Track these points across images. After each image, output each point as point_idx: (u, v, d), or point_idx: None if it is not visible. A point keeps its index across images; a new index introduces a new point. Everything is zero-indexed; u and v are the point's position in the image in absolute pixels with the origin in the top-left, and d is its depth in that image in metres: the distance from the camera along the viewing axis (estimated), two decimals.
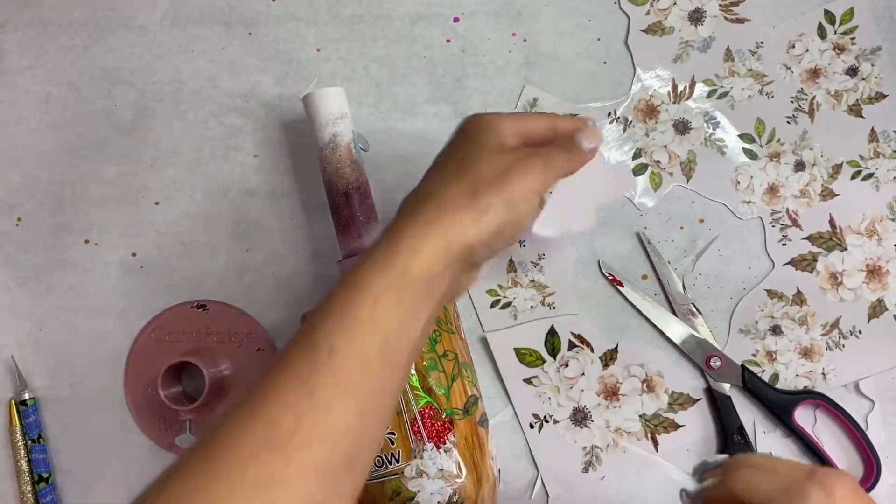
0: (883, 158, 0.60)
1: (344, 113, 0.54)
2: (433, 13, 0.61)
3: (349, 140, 0.54)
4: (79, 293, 0.61)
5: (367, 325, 0.34)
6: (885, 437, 0.59)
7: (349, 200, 0.53)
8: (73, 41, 0.62)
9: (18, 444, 0.59)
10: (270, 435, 0.32)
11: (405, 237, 0.36)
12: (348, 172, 0.53)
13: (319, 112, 0.53)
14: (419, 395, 0.46)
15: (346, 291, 0.35)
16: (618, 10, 0.61)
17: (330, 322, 0.35)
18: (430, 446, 0.47)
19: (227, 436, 0.33)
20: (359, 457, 0.34)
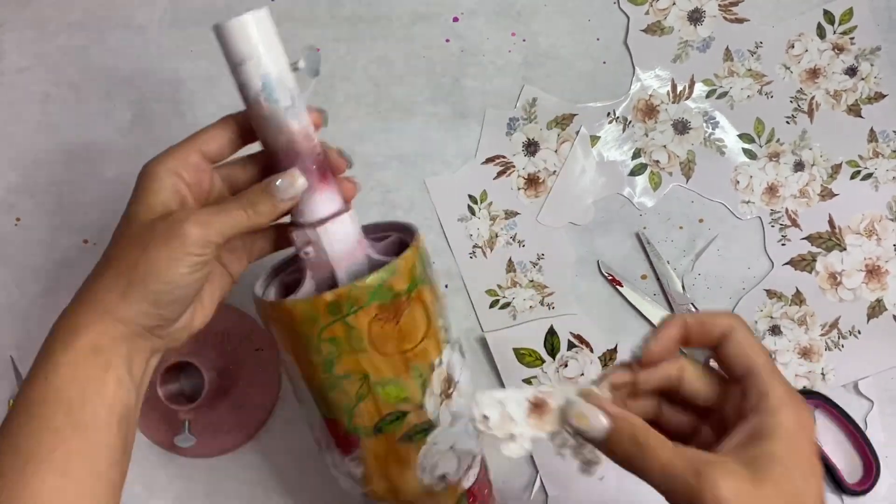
0: (882, 158, 0.60)
1: (246, 57, 0.40)
2: (433, 13, 0.61)
3: (257, 91, 0.41)
4: None
5: (43, 401, 0.37)
6: (884, 437, 0.59)
7: (274, 164, 0.43)
8: (73, 41, 0.62)
9: None
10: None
11: (66, 318, 0.39)
12: (262, 134, 0.42)
13: (226, 54, 0.41)
14: (322, 408, 0.45)
15: (25, 382, 0.38)
16: (617, 10, 0.61)
17: (14, 413, 0.38)
18: (337, 451, 0.46)
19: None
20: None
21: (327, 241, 0.43)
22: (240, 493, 0.60)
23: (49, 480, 0.36)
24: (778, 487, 0.32)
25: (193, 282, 0.40)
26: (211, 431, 0.60)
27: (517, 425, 0.37)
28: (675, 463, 0.33)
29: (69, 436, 0.37)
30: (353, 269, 0.44)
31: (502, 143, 0.61)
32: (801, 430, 0.34)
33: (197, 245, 0.39)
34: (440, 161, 0.61)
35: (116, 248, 0.40)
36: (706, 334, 0.38)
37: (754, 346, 0.37)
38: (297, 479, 0.60)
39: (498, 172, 0.61)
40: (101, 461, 0.38)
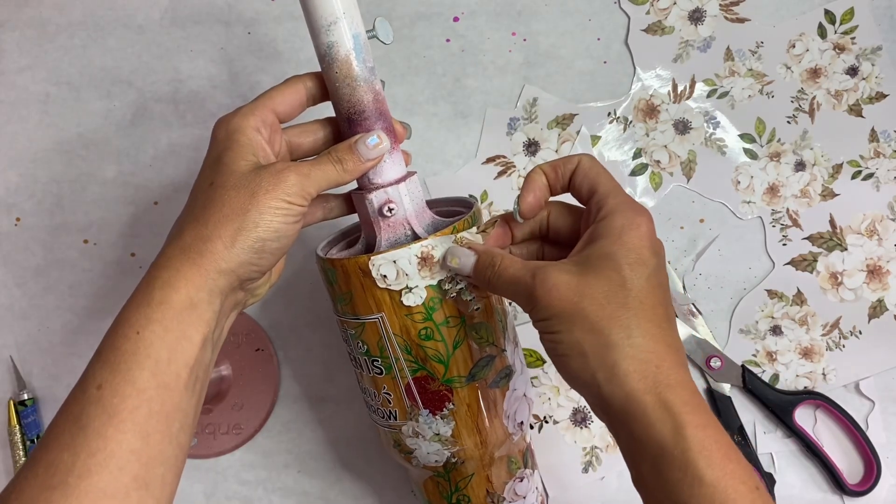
0: (883, 158, 0.60)
1: (337, 17, 0.42)
2: (433, 13, 0.61)
3: (348, 51, 0.43)
4: (78, 293, 0.61)
5: (131, 356, 0.37)
6: (885, 438, 0.59)
7: (352, 128, 0.44)
8: (73, 41, 0.62)
9: (17, 444, 0.59)
10: (50, 474, 0.34)
11: (162, 269, 0.39)
12: (347, 93, 0.44)
13: (311, 17, 0.43)
14: (413, 364, 0.45)
15: (112, 329, 0.38)
16: (618, 9, 0.60)
17: (98, 360, 0.37)
18: (426, 412, 0.46)
19: (14, 486, 0.35)
20: (152, 475, 0.36)
21: (408, 198, 0.45)
22: (240, 493, 0.60)
23: (128, 441, 0.35)
24: (602, 276, 0.37)
25: (293, 232, 0.41)
26: (211, 432, 0.60)
27: (411, 278, 0.43)
28: (520, 273, 0.39)
29: (153, 396, 0.36)
30: (426, 227, 0.46)
31: (503, 142, 0.61)
32: (632, 229, 0.38)
33: (298, 195, 0.40)
34: (441, 161, 0.61)
35: (217, 196, 0.39)
36: (562, 175, 0.42)
37: (597, 170, 0.41)
38: (297, 480, 0.60)
39: (498, 172, 0.61)
40: (175, 423, 0.38)
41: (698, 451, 0.35)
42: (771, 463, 0.59)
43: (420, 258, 0.43)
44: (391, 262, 0.43)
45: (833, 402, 0.58)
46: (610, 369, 0.37)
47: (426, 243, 0.43)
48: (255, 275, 0.41)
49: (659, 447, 0.35)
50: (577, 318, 0.37)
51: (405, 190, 0.45)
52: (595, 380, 0.37)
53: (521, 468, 0.50)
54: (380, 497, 0.60)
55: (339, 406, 0.60)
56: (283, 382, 0.61)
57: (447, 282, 0.44)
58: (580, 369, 0.37)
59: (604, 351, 0.37)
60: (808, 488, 0.59)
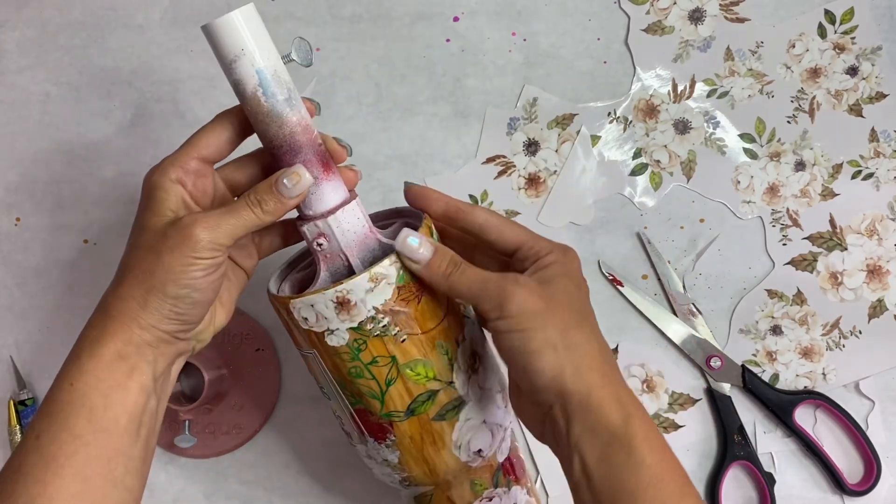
0: (883, 158, 0.60)
1: (238, 52, 0.40)
2: (433, 13, 0.61)
3: (255, 86, 0.41)
4: (78, 293, 0.61)
5: (66, 405, 0.38)
6: (885, 438, 0.59)
7: (276, 161, 0.42)
8: (73, 41, 0.61)
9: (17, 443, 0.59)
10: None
11: (90, 328, 0.40)
12: (263, 128, 0.42)
13: (216, 55, 0.41)
14: (351, 398, 0.45)
15: (51, 387, 0.39)
16: (618, 9, 0.60)
17: (37, 416, 0.39)
18: (371, 440, 0.46)
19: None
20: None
21: (339, 230, 0.43)
22: (240, 493, 0.60)
23: (67, 486, 0.37)
24: (561, 289, 0.42)
25: (209, 284, 0.40)
26: (211, 431, 0.60)
27: (330, 321, 0.42)
28: (490, 276, 0.42)
29: (90, 441, 0.38)
30: (366, 256, 0.45)
31: (503, 142, 0.61)
32: (567, 259, 0.44)
33: (207, 249, 0.39)
34: (441, 161, 0.61)
35: (132, 258, 0.41)
36: (458, 220, 0.45)
37: (507, 224, 0.45)
38: (298, 480, 0.60)
39: (498, 172, 0.61)
40: (119, 468, 0.38)
41: (642, 438, 0.39)
42: (771, 463, 0.59)
43: (336, 302, 0.42)
44: (309, 305, 0.42)
45: (833, 401, 0.58)
46: (576, 364, 0.40)
47: (342, 288, 0.41)
48: (184, 327, 0.41)
49: (610, 434, 0.39)
50: (550, 316, 0.40)
51: (335, 222, 0.43)
52: (563, 373, 0.40)
53: (488, 489, 0.50)
54: (380, 497, 0.60)
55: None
56: (283, 382, 0.61)
57: (368, 322, 0.42)
58: (551, 362, 0.40)
59: (571, 348, 0.40)
60: (808, 488, 0.59)
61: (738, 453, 0.58)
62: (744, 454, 0.58)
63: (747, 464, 0.58)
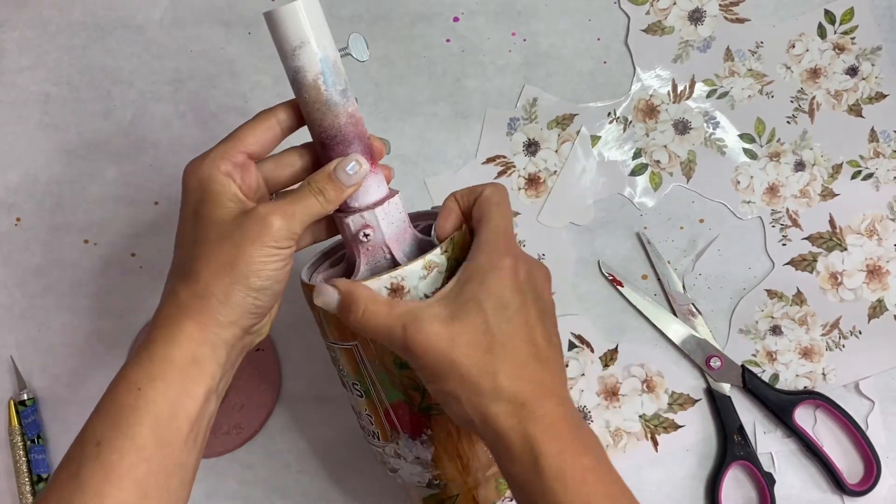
0: (883, 158, 0.60)
1: (304, 40, 0.40)
2: (433, 13, 0.61)
3: (316, 75, 0.41)
4: (78, 293, 0.61)
5: (132, 412, 0.36)
6: (885, 438, 0.59)
7: (325, 152, 0.43)
8: (73, 41, 0.62)
9: (17, 444, 0.59)
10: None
11: (162, 327, 0.39)
12: (318, 117, 0.42)
13: (278, 42, 0.41)
14: (390, 392, 0.45)
15: (113, 385, 0.38)
16: (618, 9, 0.60)
17: (97, 415, 0.37)
18: (406, 436, 0.46)
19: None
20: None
21: (384, 222, 0.43)
22: (240, 493, 0.60)
23: (125, 499, 0.35)
24: (468, 323, 0.38)
25: (285, 274, 0.41)
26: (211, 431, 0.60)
27: None
28: (388, 322, 0.39)
29: (151, 455, 0.36)
30: (406, 251, 0.45)
31: (503, 142, 0.61)
32: (494, 272, 0.39)
33: (285, 238, 0.39)
34: (441, 161, 0.61)
35: (203, 251, 0.39)
36: (468, 202, 0.43)
37: (491, 204, 0.42)
38: (298, 480, 0.60)
39: (498, 172, 0.61)
40: (175, 480, 0.37)
41: (554, 478, 0.37)
42: (771, 463, 0.59)
43: (390, 289, 0.42)
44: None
45: (833, 401, 0.58)
46: (482, 414, 0.38)
47: (396, 274, 0.42)
48: (257, 320, 0.41)
49: (523, 480, 0.38)
50: (449, 369, 0.38)
51: (382, 214, 0.43)
52: (472, 423, 0.39)
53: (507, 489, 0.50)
54: (380, 497, 0.60)
55: (340, 406, 0.60)
56: (284, 382, 0.61)
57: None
58: (458, 414, 0.39)
59: (475, 398, 0.38)
60: (808, 488, 0.59)
61: (737, 453, 0.58)
62: (744, 454, 0.58)
63: (747, 464, 0.58)
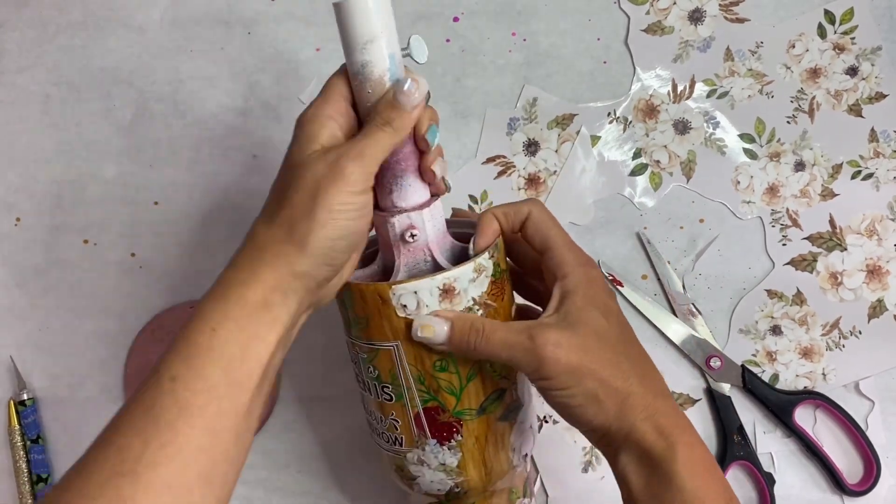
0: (883, 158, 0.60)
1: (378, 33, 0.41)
2: (433, 13, 0.61)
3: (383, 70, 0.41)
4: (78, 293, 0.61)
5: (206, 351, 0.37)
6: (885, 438, 0.59)
7: None
8: (73, 41, 0.62)
9: (17, 444, 0.59)
10: (119, 459, 0.34)
11: (238, 269, 0.39)
12: None
13: (348, 34, 0.41)
14: (425, 394, 0.45)
15: (188, 324, 0.38)
16: (618, 9, 0.60)
17: (172, 353, 0.37)
18: (433, 442, 0.46)
19: (83, 466, 0.35)
20: (216, 472, 0.36)
21: (430, 223, 0.44)
22: (240, 493, 0.60)
23: (197, 437, 0.36)
24: (589, 329, 0.41)
25: (363, 226, 0.40)
26: None
27: (430, 309, 0.43)
28: (511, 336, 0.41)
29: (223, 394, 0.37)
30: (445, 254, 0.45)
31: (503, 142, 0.61)
32: (591, 283, 0.43)
33: (361, 182, 0.39)
34: None
35: (286, 195, 0.39)
36: (513, 222, 0.45)
37: (549, 224, 0.44)
38: (298, 480, 0.60)
39: (498, 172, 0.61)
40: (242, 423, 0.38)
41: (683, 463, 0.39)
42: (771, 463, 0.59)
43: (442, 290, 0.42)
44: (412, 292, 0.42)
45: (833, 401, 0.58)
46: (619, 410, 0.41)
47: (449, 275, 0.42)
48: (330, 274, 0.40)
49: (652, 463, 0.40)
50: (586, 371, 0.40)
51: (428, 216, 0.44)
52: (607, 420, 0.41)
53: (520, 498, 0.50)
54: (380, 497, 0.60)
55: (339, 406, 0.60)
56: (284, 382, 0.61)
57: (468, 310, 0.44)
58: (596, 415, 0.41)
59: (613, 396, 0.41)
60: (808, 488, 0.59)
61: (737, 453, 0.58)
62: (743, 454, 0.58)
63: (747, 464, 0.58)
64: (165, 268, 0.61)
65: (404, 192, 0.44)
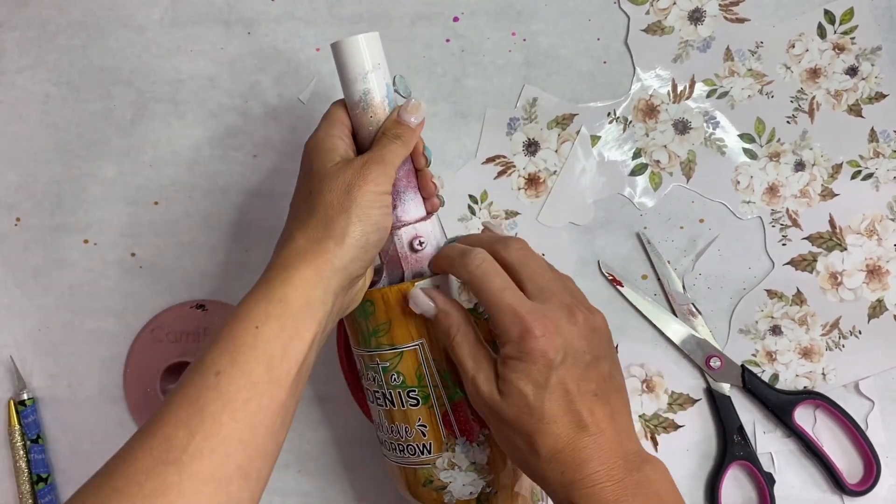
0: (883, 158, 0.60)
1: (376, 64, 0.47)
2: (433, 13, 0.61)
3: (383, 97, 0.47)
4: (78, 293, 0.61)
5: (250, 349, 0.39)
6: (884, 438, 0.59)
7: None
8: (73, 41, 0.62)
9: (17, 444, 0.59)
10: (165, 448, 0.36)
11: (281, 269, 0.41)
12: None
13: (348, 65, 0.46)
14: (452, 390, 0.46)
15: (232, 321, 0.40)
16: (617, 9, 0.60)
17: (217, 349, 0.39)
18: (463, 440, 0.46)
19: (129, 453, 0.37)
20: (253, 467, 0.38)
21: (433, 234, 0.48)
22: None
23: (239, 431, 0.37)
24: (514, 398, 0.41)
25: (388, 223, 0.44)
26: None
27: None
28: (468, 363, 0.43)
29: (264, 391, 0.38)
30: None
31: (503, 142, 0.61)
32: (524, 357, 0.41)
33: (385, 182, 0.43)
34: (441, 161, 0.61)
35: (319, 200, 0.43)
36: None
37: (484, 286, 0.43)
38: (298, 480, 0.60)
39: (498, 172, 0.61)
40: (278, 420, 0.39)
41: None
42: (770, 463, 0.59)
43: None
44: (434, 287, 0.46)
45: (833, 401, 0.58)
46: (532, 473, 0.42)
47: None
48: (362, 270, 0.44)
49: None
50: (503, 422, 0.42)
51: (430, 227, 0.48)
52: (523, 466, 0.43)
53: (540, 500, 0.51)
54: (380, 497, 0.60)
55: (339, 406, 0.60)
56: None
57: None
58: (510, 454, 0.44)
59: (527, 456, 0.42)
60: (808, 488, 0.59)
61: (737, 453, 0.58)
62: (743, 454, 0.58)
63: (747, 464, 0.58)
64: (165, 268, 0.61)
65: (406, 206, 0.48)
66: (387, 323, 0.46)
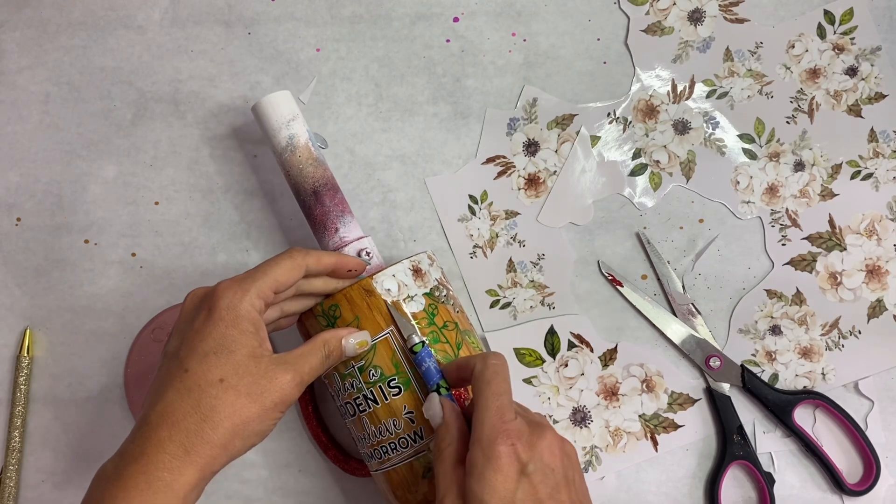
0: (882, 158, 0.60)
1: (295, 114, 0.54)
2: (433, 13, 0.61)
3: (307, 139, 0.54)
4: (78, 293, 0.61)
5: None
6: (884, 438, 0.59)
7: (319, 198, 0.53)
8: (73, 41, 0.62)
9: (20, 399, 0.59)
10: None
11: (164, 469, 0.40)
12: (311, 171, 0.53)
13: (271, 118, 0.53)
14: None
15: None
16: (617, 10, 0.61)
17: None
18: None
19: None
20: None
21: (375, 249, 0.53)
22: (240, 493, 0.60)
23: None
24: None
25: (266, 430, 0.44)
26: None
27: (409, 288, 0.50)
28: (445, 479, 0.42)
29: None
30: None
31: (503, 143, 0.61)
32: (488, 462, 0.40)
33: (296, 398, 0.44)
34: (440, 161, 0.61)
35: (230, 401, 0.42)
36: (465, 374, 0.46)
37: (482, 383, 0.43)
38: (298, 480, 0.60)
39: (498, 172, 0.61)
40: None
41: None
42: (770, 462, 0.59)
43: (413, 270, 0.50)
44: (391, 276, 0.49)
45: (832, 401, 0.58)
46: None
47: (412, 258, 0.51)
48: (246, 449, 0.44)
49: None
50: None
51: (372, 242, 0.53)
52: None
53: None
54: (380, 497, 0.60)
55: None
56: None
57: (435, 289, 0.51)
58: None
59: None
60: (808, 488, 0.59)
61: (737, 453, 0.58)
62: (743, 454, 0.58)
63: (747, 464, 0.58)
64: (165, 268, 0.61)
65: (348, 227, 0.53)
66: (354, 320, 0.49)
